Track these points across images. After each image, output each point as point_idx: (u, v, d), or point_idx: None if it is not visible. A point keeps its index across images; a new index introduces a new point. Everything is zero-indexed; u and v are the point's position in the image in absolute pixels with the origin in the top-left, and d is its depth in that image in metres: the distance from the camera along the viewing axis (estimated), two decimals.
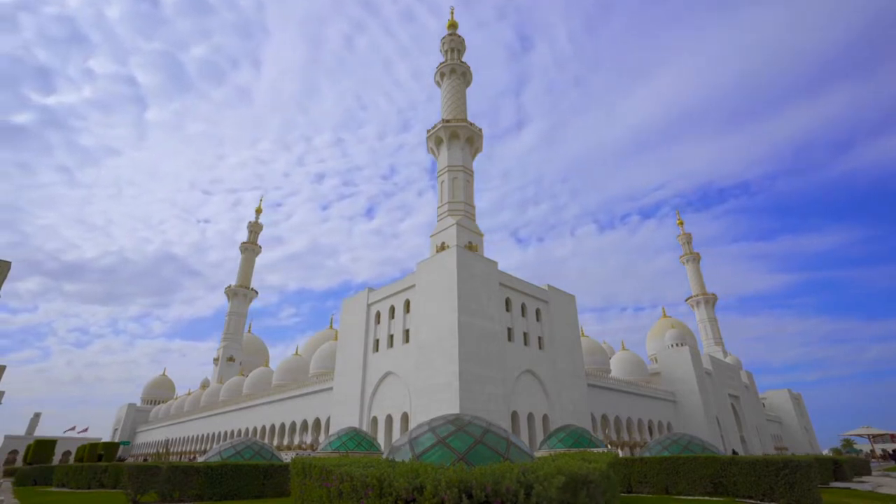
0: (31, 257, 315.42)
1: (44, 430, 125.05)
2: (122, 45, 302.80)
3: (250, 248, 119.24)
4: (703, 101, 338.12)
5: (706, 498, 17.34)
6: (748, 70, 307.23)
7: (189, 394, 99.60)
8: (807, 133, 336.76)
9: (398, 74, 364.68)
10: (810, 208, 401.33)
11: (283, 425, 57.25)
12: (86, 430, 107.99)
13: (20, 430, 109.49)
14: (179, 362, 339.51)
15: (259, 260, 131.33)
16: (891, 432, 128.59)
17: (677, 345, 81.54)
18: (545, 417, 40.92)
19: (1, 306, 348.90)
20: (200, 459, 22.68)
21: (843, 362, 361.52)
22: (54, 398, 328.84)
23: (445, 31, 63.58)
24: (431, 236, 49.40)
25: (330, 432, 43.01)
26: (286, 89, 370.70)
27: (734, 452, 68.98)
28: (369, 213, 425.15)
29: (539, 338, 43.94)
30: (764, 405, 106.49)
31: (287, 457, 47.06)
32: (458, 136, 53.39)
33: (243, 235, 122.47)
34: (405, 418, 37.81)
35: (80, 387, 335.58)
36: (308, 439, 53.36)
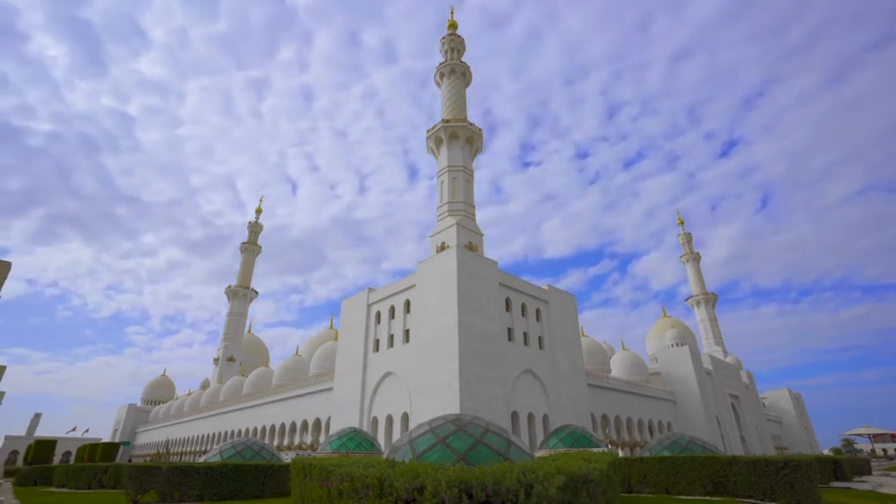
0: (179, 222, 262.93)
1: (44, 431, 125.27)
2: None
3: (250, 249, 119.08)
4: None
5: (706, 498, 17.34)
6: None
7: (189, 394, 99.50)
8: None
9: None
10: None
11: (283, 425, 57.22)
12: (86, 430, 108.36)
13: (20, 430, 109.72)
14: (183, 361, 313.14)
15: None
16: (891, 432, 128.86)
17: (677, 345, 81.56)
18: (545, 417, 40.92)
19: (128, 283, 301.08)
20: (201, 460, 22.66)
21: None
22: (56, 397, 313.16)
23: (445, 31, 63.55)
24: (431, 236, 49.37)
25: (330, 432, 42.98)
26: None
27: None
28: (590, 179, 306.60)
29: (539, 338, 43.93)
30: (764, 405, 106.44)
31: (287, 457, 47.05)
32: (457, 137, 53.41)
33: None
34: (405, 418, 37.80)
35: (132, 384, 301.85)
36: (308, 439, 53.32)
